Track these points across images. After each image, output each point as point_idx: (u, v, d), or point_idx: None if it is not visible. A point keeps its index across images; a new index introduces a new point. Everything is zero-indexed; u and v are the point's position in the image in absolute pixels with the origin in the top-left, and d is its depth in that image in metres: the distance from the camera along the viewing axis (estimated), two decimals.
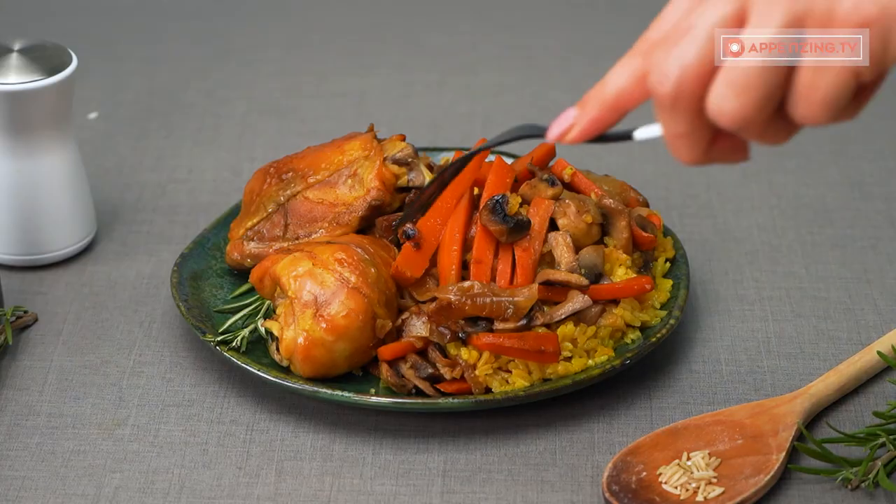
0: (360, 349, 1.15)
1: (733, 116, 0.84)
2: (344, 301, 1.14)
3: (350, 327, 1.14)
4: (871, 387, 1.18)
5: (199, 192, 1.44)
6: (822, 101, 0.83)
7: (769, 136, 0.86)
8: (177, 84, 1.63)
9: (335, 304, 1.14)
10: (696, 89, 0.85)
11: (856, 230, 1.37)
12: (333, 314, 1.14)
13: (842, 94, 0.83)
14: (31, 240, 1.31)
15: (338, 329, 1.14)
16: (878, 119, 1.54)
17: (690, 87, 0.85)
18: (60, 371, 1.21)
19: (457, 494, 1.09)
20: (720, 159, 0.89)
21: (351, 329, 1.14)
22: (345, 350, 1.14)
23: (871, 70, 0.82)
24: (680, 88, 0.85)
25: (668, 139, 0.88)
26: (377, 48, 1.71)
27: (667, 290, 1.22)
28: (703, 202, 1.42)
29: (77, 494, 1.09)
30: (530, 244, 1.17)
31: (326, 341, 1.14)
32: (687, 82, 0.84)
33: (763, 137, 0.86)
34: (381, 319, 1.15)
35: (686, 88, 0.85)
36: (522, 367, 1.14)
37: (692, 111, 0.86)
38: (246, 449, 1.13)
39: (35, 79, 1.25)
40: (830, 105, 0.83)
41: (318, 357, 1.14)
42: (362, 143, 1.27)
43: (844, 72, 0.81)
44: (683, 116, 0.86)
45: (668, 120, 0.86)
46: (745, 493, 1.06)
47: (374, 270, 1.16)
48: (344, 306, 1.14)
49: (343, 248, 1.17)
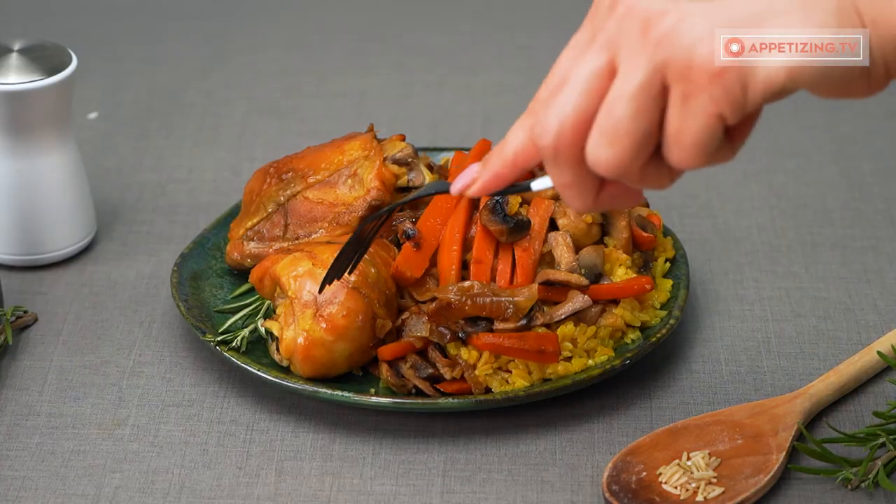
0: (359, 349, 1.15)
1: (609, 165, 0.87)
2: (343, 301, 1.14)
3: (350, 327, 1.14)
4: (871, 387, 1.18)
5: (199, 192, 1.44)
6: (692, 146, 0.85)
7: (650, 181, 0.89)
8: (177, 84, 1.63)
9: (335, 304, 1.14)
10: (574, 140, 0.87)
11: (856, 230, 1.37)
12: (333, 314, 1.14)
13: (710, 137, 0.85)
14: (31, 240, 1.31)
15: (337, 329, 1.14)
16: (878, 119, 1.54)
17: (569, 139, 0.87)
18: (60, 371, 1.21)
19: (457, 494, 1.09)
20: (614, 205, 0.92)
21: (351, 329, 1.14)
22: (345, 350, 1.14)
23: (732, 115, 0.84)
24: (559, 141, 0.88)
25: (558, 189, 0.91)
26: (377, 48, 1.71)
27: (667, 290, 1.22)
28: (703, 202, 1.42)
29: (77, 494, 1.09)
30: (530, 244, 1.17)
31: (326, 341, 1.14)
32: (565, 134, 0.87)
33: (644, 183, 0.89)
34: (380, 319, 1.15)
35: (565, 140, 0.88)
36: (522, 367, 1.14)
37: (574, 161, 0.88)
38: (246, 449, 1.13)
39: (35, 79, 1.25)
40: (701, 149, 0.85)
41: (317, 357, 1.14)
42: (362, 143, 1.27)
43: (709, 117, 0.84)
44: (566, 167, 0.89)
45: (553, 171, 0.90)
46: (745, 493, 1.06)
47: (374, 270, 1.16)
48: (343, 306, 1.14)
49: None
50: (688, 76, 0.83)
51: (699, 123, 0.84)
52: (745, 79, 0.83)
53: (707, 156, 0.86)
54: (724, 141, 0.87)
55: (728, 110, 0.84)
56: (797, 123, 1.54)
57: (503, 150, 0.94)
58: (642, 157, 0.87)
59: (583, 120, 0.87)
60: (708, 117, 0.84)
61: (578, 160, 0.88)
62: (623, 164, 0.86)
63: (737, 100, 0.83)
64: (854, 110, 1.56)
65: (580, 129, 0.87)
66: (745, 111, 0.84)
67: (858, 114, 1.55)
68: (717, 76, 0.83)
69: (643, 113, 0.85)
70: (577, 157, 0.88)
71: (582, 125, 0.87)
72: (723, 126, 0.85)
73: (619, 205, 0.93)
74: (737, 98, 0.83)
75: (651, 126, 0.86)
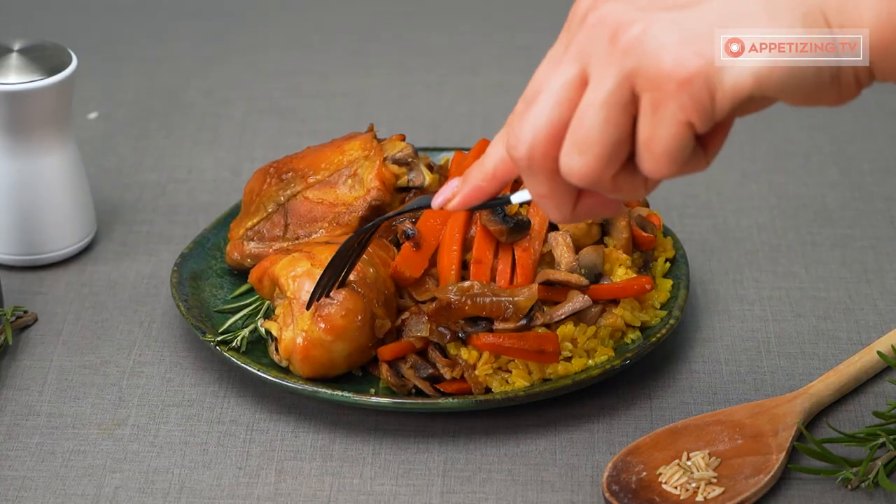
0: (359, 349, 1.15)
1: (581, 174, 0.87)
2: (342, 301, 1.14)
3: (348, 328, 1.14)
4: (871, 387, 1.18)
5: (199, 192, 1.44)
6: (664, 154, 0.85)
7: (625, 190, 0.89)
8: (177, 84, 1.63)
9: (333, 304, 1.14)
10: (547, 151, 0.88)
11: (856, 230, 1.37)
12: (332, 314, 1.14)
13: (681, 145, 0.85)
14: (31, 240, 1.31)
15: (336, 329, 1.14)
16: (878, 119, 1.54)
17: (542, 150, 0.88)
18: (60, 371, 1.21)
19: (457, 494, 1.09)
20: (592, 215, 0.93)
21: (349, 329, 1.14)
22: (343, 350, 1.14)
23: (701, 122, 0.84)
24: (532, 152, 0.88)
25: (535, 200, 0.92)
26: (377, 48, 1.71)
27: (667, 290, 1.22)
28: (703, 202, 1.42)
29: (77, 494, 1.09)
30: (530, 244, 1.17)
31: (325, 341, 1.14)
32: (538, 145, 0.88)
33: (619, 192, 0.89)
34: (380, 320, 1.15)
35: (538, 151, 0.88)
36: (522, 367, 1.14)
37: (548, 172, 0.89)
38: (246, 449, 1.13)
39: (35, 79, 1.25)
40: (673, 157, 0.85)
41: (316, 357, 1.14)
42: (362, 143, 1.27)
43: (679, 125, 0.84)
44: (541, 178, 0.89)
45: (529, 182, 0.90)
46: (745, 493, 1.06)
47: (373, 270, 1.16)
48: (342, 307, 1.14)
49: None
50: (656, 84, 0.83)
51: (669, 132, 0.84)
52: (712, 85, 0.83)
53: (679, 164, 0.86)
54: (696, 149, 0.87)
55: (696, 118, 0.84)
56: (797, 123, 1.54)
57: (483, 164, 0.95)
58: (614, 165, 0.87)
59: (555, 130, 0.88)
60: (677, 125, 0.84)
61: (553, 171, 0.89)
62: (595, 173, 0.87)
63: (705, 107, 0.83)
64: (854, 111, 1.56)
65: (553, 139, 0.88)
66: (715, 118, 0.84)
67: (858, 114, 1.55)
68: (684, 84, 0.83)
69: (613, 121, 0.85)
70: (552, 168, 0.89)
71: (555, 136, 0.88)
72: (693, 134, 0.85)
73: (597, 215, 0.93)
74: (705, 105, 0.83)
75: (622, 134, 0.86)
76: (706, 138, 0.88)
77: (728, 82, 0.83)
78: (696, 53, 0.83)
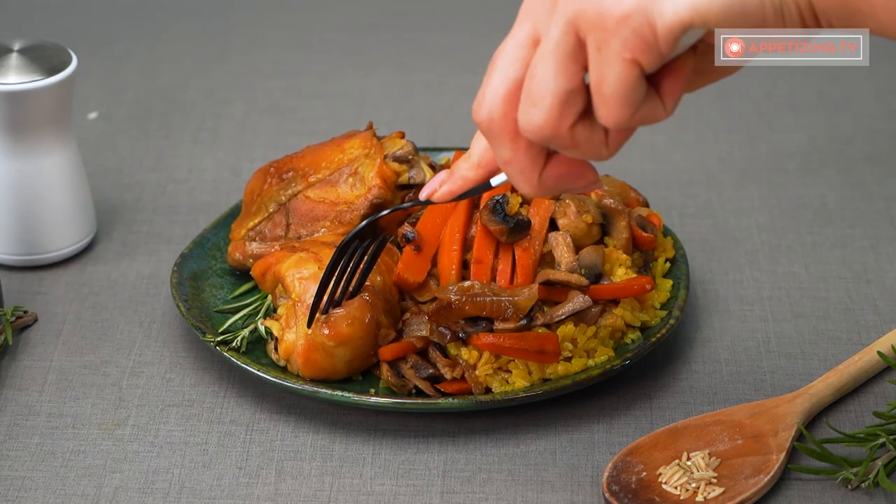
0: (360, 356, 1.15)
1: (537, 125, 0.88)
2: (350, 310, 1.14)
3: (353, 336, 1.14)
4: (871, 387, 1.18)
5: (199, 192, 1.44)
6: (614, 95, 0.86)
7: (585, 146, 0.89)
8: (177, 84, 1.63)
9: (340, 311, 1.14)
10: (505, 110, 0.90)
11: (856, 230, 1.37)
12: (338, 321, 1.14)
13: (629, 85, 0.85)
14: (31, 240, 1.31)
15: (340, 336, 1.14)
16: (878, 119, 1.54)
17: (501, 110, 0.90)
18: (60, 371, 1.21)
19: (457, 494, 1.09)
20: (562, 186, 0.94)
21: (354, 337, 1.14)
22: (345, 356, 1.14)
23: (646, 58, 0.84)
24: (491, 113, 0.90)
25: (502, 168, 0.93)
26: (377, 48, 1.71)
27: (667, 290, 1.22)
28: (703, 202, 1.42)
29: (77, 494, 1.09)
30: (530, 244, 1.17)
31: (327, 346, 1.13)
32: (496, 106, 0.90)
33: (579, 148, 0.90)
34: (384, 329, 1.15)
35: (496, 111, 0.90)
36: (522, 368, 1.14)
37: (509, 133, 0.91)
38: (246, 449, 1.13)
39: (35, 79, 1.25)
40: (623, 98, 0.86)
41: (317, 361, 1.14)
42: (362, 141, 1.27)
43: (624, 62, 0.85)
44: (503, 139, 0.91)
45: (494, 147, 0.92)
46: (745, 493, 1.06)
47: (380, 278, 1.16)
48: (349, 315, 1.14)
49: None
50: (598, 24, 0.84)
51: (615, 70, 0.85)
52: (652, 19, 0.83)
53: (631, 106, 0.86)
54: (651, 94, 0.87)
55: (641, 53, 0.84)
56: (797, 124, 1.54)
57: (468, 155, 0.98)
58: (569, 116, 0.88)
59: (511, 89, 0.90)
60: (622, 62, 0.85)
61: (513, 131, 0.90)
62: (550, 125, 0.88)
63: (648, 41, 0.84)
64: (854, 111, 1.56)
65: (509, 98, 0.90)
66: (661, 53, 0.85)
67: (859, 114, 1.55)
68: (623, 19, 0.84)
69: (562, 70, 0.86)
70: (512, 129, 0.90)
71: (511, 94, 0.90)
72: (640, 73, 0.85)
73: (567, 185, 0.94)
74: (647, 39, 0.84)
75: (572, 83, 0.87)
76: (660, 83, 0.88)
77: (667, 13, 0.83)
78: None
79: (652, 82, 0.88)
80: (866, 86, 1.60)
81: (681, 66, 0.88)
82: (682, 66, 0.88)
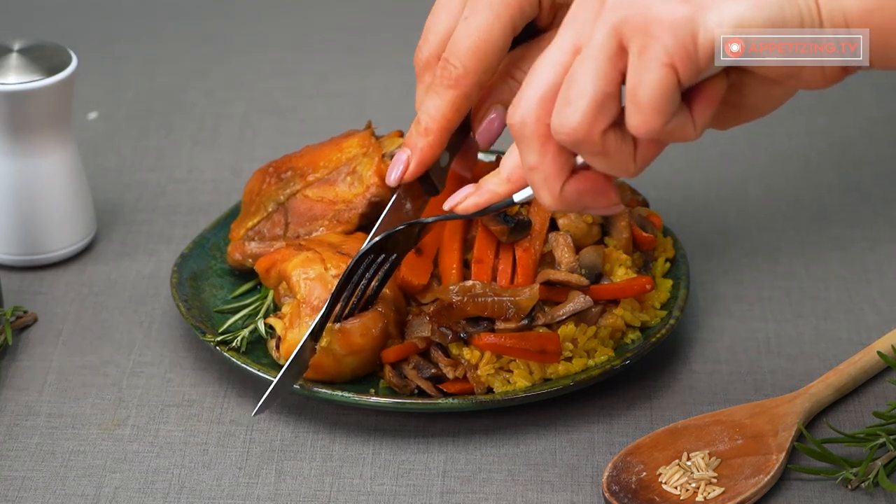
0: (368, 363, 1.15)
1: (570, 126, 0.88)
2: (364, 321, 1.14)
3: (365, 346, 1.14)
4: (871, 387, 1.18)
5: (199, 192, 1.44)
6: (649, 102, 0.86)
7: (614, 157, 0.90)
8: (177, 84, 1.63)
9: (355, 321, 1.14)
10: (540, 114, 0.90)
11: (856, 230, 1.37)
12: (352, 331, 1.13)
13: (665, 92, 0.86)
14: (31, 240, 1.31)
15: (352, 346, 1.14)
16: (878, 122, 1.54)
17: (535, 112, 0.91)
18: (60, 371, 1.21)
19: (457, 494, 1.09)
20: (582, 202, 0.94)
21: (365, 348, 1.14)
22: (352, 364, 1.15)
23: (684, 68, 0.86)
24: (525, 115, 0.91)
25: (527, 177, 0.94)
26: (377, 48, 1.71)
27: (667, 291, 1.22)
28: (703, 202, 1.42)
29: (77, 494, 1.09)
30: (531, 244, 1.17)
31: (337, 354, 1.14)
32: (531, 108, 0.91)
33: (608, 157, 0.90)
34: (392, 340, 1.15)
35: (531, 114, 0.91)
36: (524, 368, 1.14)
37: (540, 137, 0.91)
38: (246, 449, 1.13)
39: (35, 79, 1.25)
40: (658, 105, 0.86)
41: (324, 367, 1.14)
42: (360, 141, 1.27)
43: (663, 66, 0.85)
44: (532, 143, 0.91)
45: (521, 150, 0.93)
46: (745, 493, 1.06)
47: (390, 292, 1.16)
48: (363, 325, 1.14)
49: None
50: (643, 29, 0.85)
51: (653, 76, 0.86)
52: (695, 31, 0.85)
53: (663, 115, 0.87)
54: (683, 110, 0.88)
55: (680, 62, 0.85)
56: (797, 127, 1.54)
57: (498, 170, 0.99)
58: (602, 120, 0.88)
59: (547, 93, 0.90)
60: (661, 68, 0.85)
61: (545, 136, 0.91)
62: (583, 126, 0.88)
63: (689, 51, 0.85)
64: (854, 113, 1.56)
65: (545, 102, 0.90)
66: (699, 66, 0.86)
67: (859, 117, 1.55)
68: (669, 26, 0.85)
69: (602, 72, 0.87)
70: (543, 133, 0.91)
71: (546, 98, 0.90)
72: (677, 81, 0.86)
73: (588, 203, 0.94)
74: (688, 49, 0.85)
75: (610, 87, 0.88)
76: (693, 101, 0.89)
77: (711, 25, 0.85)
78: (682, 1, 0.85)
79: (685, 100, 0.89)
80: (866, 87, 1.60)
81: (713, 87, 0.89)
82: (714, 87, 0.89)
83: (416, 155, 1.11)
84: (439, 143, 1.10)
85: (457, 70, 1.09)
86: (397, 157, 1.06)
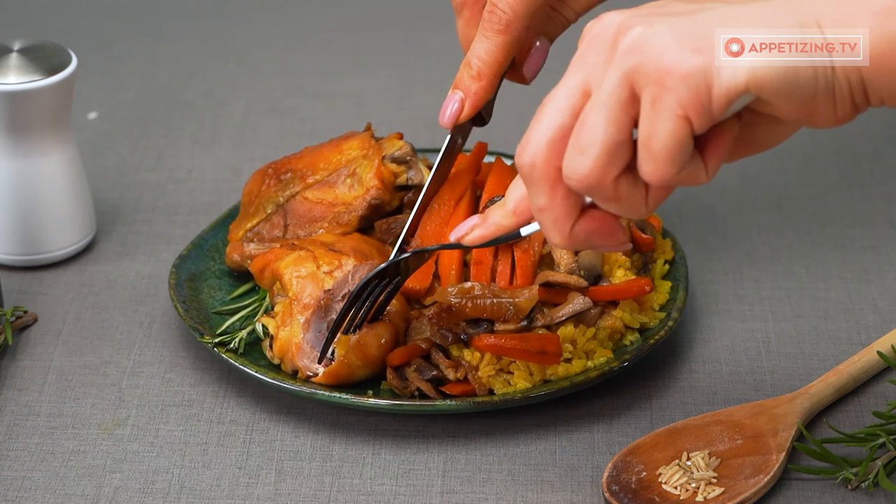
0: (376, 371, 1.16)
1: (582, 174, 0.88)
2: (380, 332, 1.14)
3: (379, 357, 1.14)
4: (871, 387, 1.18)
5: (199, 193, 1.44)
6: (662, 151, 0.86)
7: (626, 201, 0.90)
8: (177, 84, 1.63)
9: (372, 333, 1.14)
10: (549, 157, 0.90)
11: (856, 230, 1.37)
12: (369, 343, 1.14)
13: (679, 142, 0.86)
14: (31, 240, 1.31)
15: (368, 357, 1.14)
16: (879, 120, 1.54)
17: (545, 155, 0.90)
18: (60, 371, 1.21)
19: (457, 494, 1.09)
20: (591, 242, 0.94)
21: (379, 360, 1.15)
22: (364, 373, 1.15)
23: (698, 118, 0.85)
24: (534, 157, 0.90)
25: (535, 215, 0.93)
26: (377, 48, 1.71)
27: (665, 292, 1.22)
28: (703, 202, 1.42)
29: (77, 494, 1.09)
30: (530, 245, 1.17)
31: (354, 365, 1.14)
32: (541, 151, 0.90)
33: (620, 202, 0.90)
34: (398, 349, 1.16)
35: (540, 157, 0.90)
36: (524, 369, 1.14)
37: (550, 179, 0.90)
38: (246, 449, 1.13)
39: (35, 79, 1.25)
40: (671, 155, 0.86)
41: (337, 375, 1.14)
42: (360, 143, 1.27)
43: (676, 118, 0.85)
44: (542, 185, 0.91)
45: (531, 192, 0.92)
46: (745, 493, 1.06)
47: (397, 303, 1.16)
48: (379, 337, 1.14)
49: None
50: (656, 79, 0.85)
51: (667, 126, 0.85)
52: (710, 81, 0.85)
53: (677, 164, 0.87)
54: (695, 156, 0.88)
55: (693, 112, 0.85)
56: None
57: (503, 203, 0.98)
58: (614, 167, 0.88)
59: (558, 136, 0.89)
60: (675, 119, 0.85)
61: (554, 179, 0.90)
62: (596, 174, 0.88)
63: (702, 102, 0.85)
64: None
65: (556, 145, 0.89)
66: (712, 116, 0.86)
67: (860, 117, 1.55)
68: (683, 78, 0.84)
69: (614, 120, 0.87)
70: (554, 177, 0.90)
71: (557, 141, 0.89)
72: (690, 131, 0.86)
73: (597, 242, 0.94)
74: (702, 100, 0.85)
75: (622, 134, 0.87)
76: (705, 147, 0.89)
77: (725, 77, 0.84)
78: (696, 50, 0.85)
79: (696, 145, 0.88)
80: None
81: (726, 132, 0.89)
82: (726, 132, 0.89)
83: (469, 98, 1.14)
84: (491, 86, 1.13)
85: (507, 15, 1.11)
86: (450, 98, 1.10)
